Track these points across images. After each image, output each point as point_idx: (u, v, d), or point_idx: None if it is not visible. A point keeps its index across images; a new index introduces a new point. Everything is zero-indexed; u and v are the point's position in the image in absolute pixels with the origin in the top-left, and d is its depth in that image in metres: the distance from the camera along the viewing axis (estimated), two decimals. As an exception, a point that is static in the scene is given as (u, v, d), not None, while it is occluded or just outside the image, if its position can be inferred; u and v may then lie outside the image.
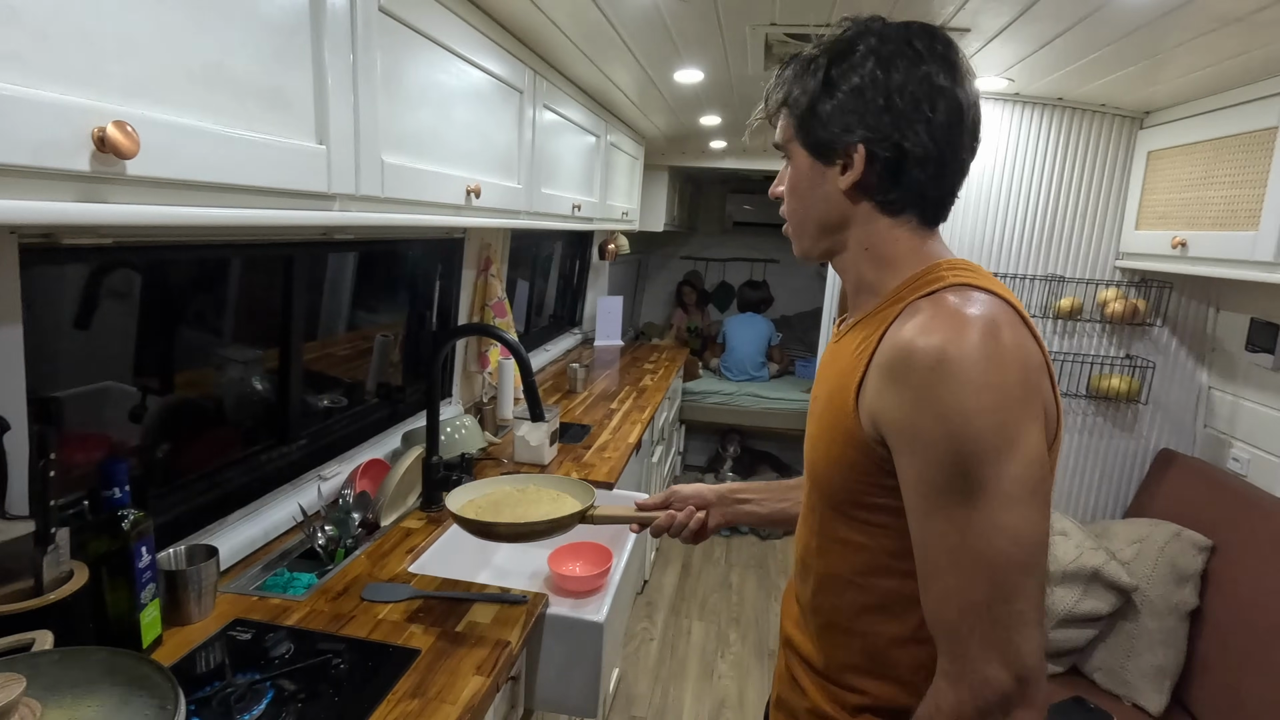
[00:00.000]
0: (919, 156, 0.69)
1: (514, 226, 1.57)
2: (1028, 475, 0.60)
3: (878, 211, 0.72)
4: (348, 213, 0.96)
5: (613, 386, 2.90)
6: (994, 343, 0.61)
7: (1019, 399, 0.61)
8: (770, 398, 4.18)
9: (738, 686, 2.50)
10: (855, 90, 0.69)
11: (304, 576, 1.30)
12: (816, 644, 0.80)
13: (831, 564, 0.76)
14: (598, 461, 1.98)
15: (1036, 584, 0.61)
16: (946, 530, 0.62)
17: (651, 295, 5.58)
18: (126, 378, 1.24)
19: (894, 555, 0.69)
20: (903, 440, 0.64)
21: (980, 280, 0.68)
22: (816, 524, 0.78)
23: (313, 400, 1.74)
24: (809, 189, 0.74)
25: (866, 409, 0.67)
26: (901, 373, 0.63)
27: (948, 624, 0.63)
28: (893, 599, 0.71)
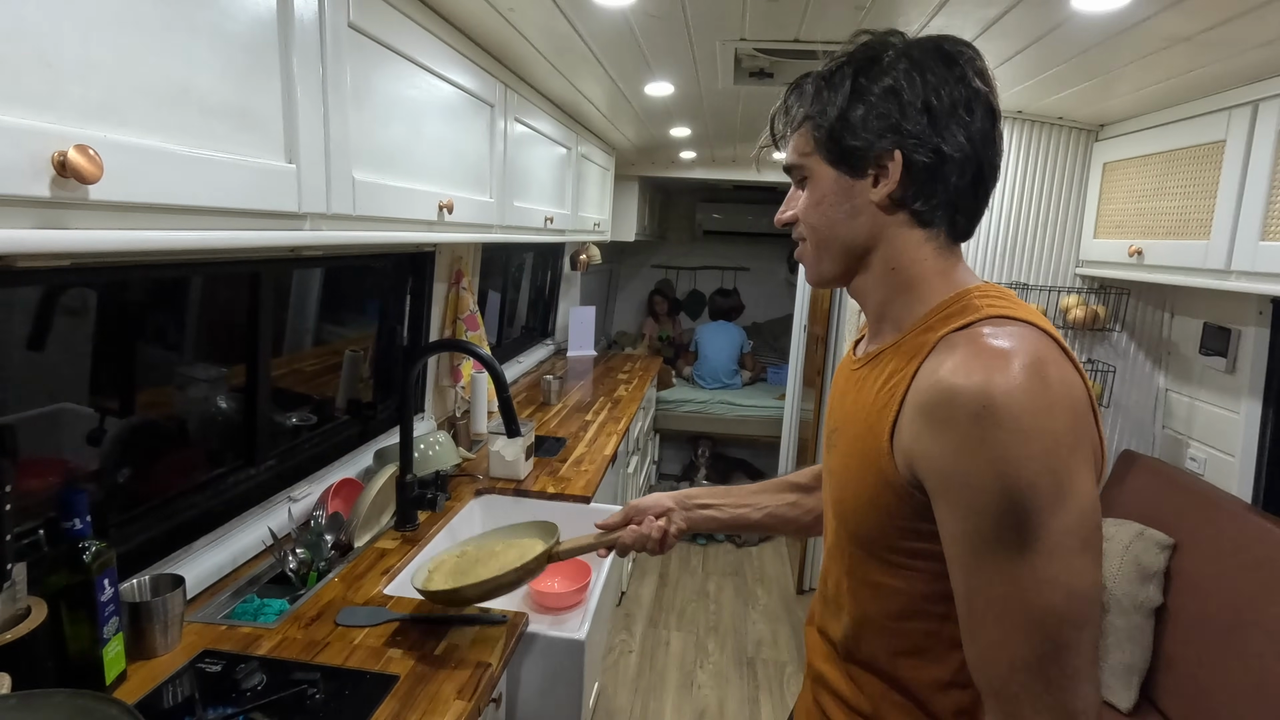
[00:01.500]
0: (958, 161, 0.66)
1: (487, 241, 1.56)
2: (1081, 525, 0.57)
3: (910, 225, 0.68)
4: (319, 232, 0.95)
5: (587, 397, 2.89)
6: (1040, 383, 0.57)
7: (1070, 444, 0.57)
8: (743, 405, 4.21)
9: (717, 697, 2.50)
10: (890, 92, 0.66)
11: (275, 603, 1.26)
12: (854, 685, 0.76)
13: (864, 606, 0.72)
14: (574, 475, 1.97)
15: (1090, 638, 0.58)
16: (994, 582, 0.58)
17: (623, 304, 5.58)
18: (83, 399, 1.20)
19: (929, 599, 0.66)
20: (945, 488, 0.60)
21: (1017, 311, 0.64)
22: (846, 564, 0.74)
23: (281, 419, 1.70)
24: (835, 206, 0.70)
25: (903, 452, 0.63)
26: (943, 417, 0.59)
27: (997, 681, 0.60)
28: (930, 642, 0.68)
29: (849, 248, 0.71)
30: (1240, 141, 1.41)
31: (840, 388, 0.79)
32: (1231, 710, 1.43)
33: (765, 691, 2.54)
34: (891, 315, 0.71)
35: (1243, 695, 1.42)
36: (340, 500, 1.59)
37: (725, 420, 4.20)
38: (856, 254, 0.71)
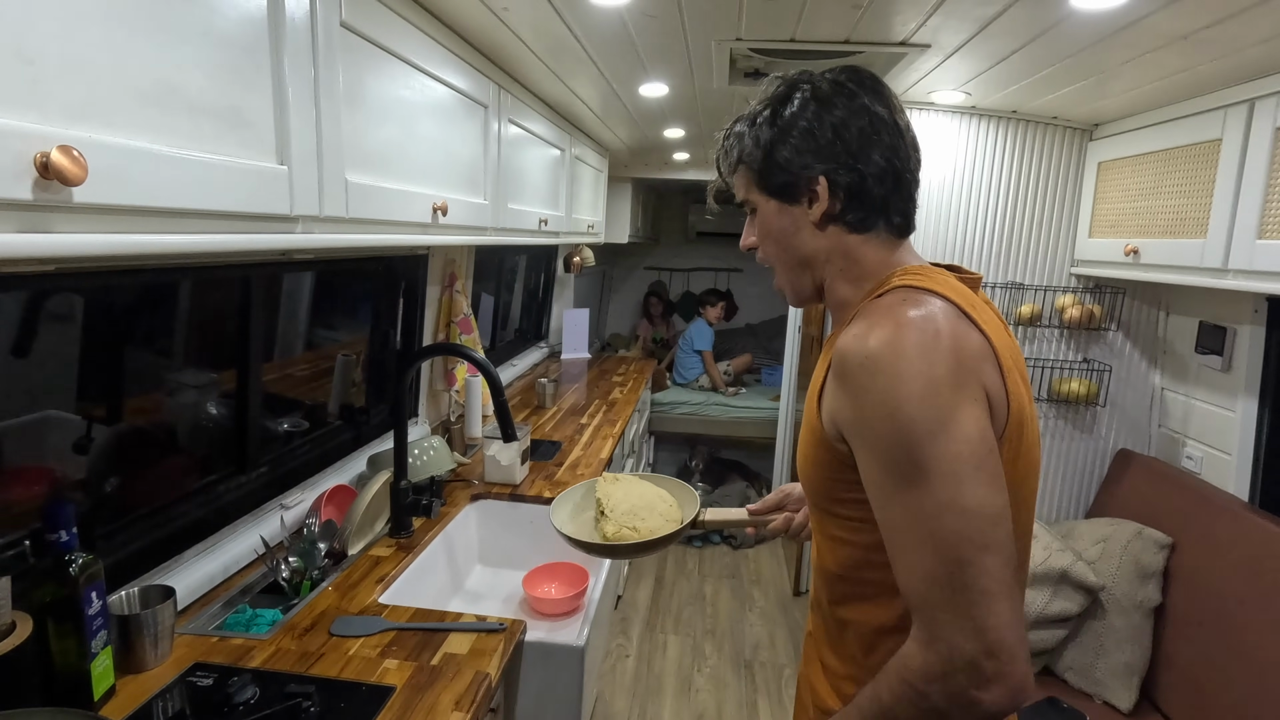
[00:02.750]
0: (876, 175, 0.75)
1: (482, 243, 1.54)
2: (969, 452, 0.63)
3: (847, 232, 0.77)
4: (311, 235, 0.93)
5: (582, 400, 2.87)
6: (918, 334, 0.66)
7: (950, 383, 0.64)
8: (738, 406, 4.20)
9: (715, 700, 2.48)
10: (805, 132, 0.75)
11: (268, 613, 1.24)
12: (821, 639, 0.85)
13: (825, 559, 0.81)
14: (570, 479, 1.95)
15: (996, 558, 0.62)
16: (900, 513, 0.66)
17: (617, 307, 5.57)
18: (70, 406, 1.17)
19: (874, 549, 0.72)
20: (853, 434, 0.69)
21: (923, 282, 0.72)
22: (815, 525, 0.83)
23: (273, 425, 1.68)
24: (782, 231, 0.79)
25: (826, 411, 0.72)
26: (842, 372, 0.69)
27: (917, 598, 0.66)
28: (877, 590, 0.75)
29: (805, 262, 0.80)
30: (1236, 140, 1.41)
31: None
32: (1233, 710, 1.43)
33: (763, 695, 2.52)
34: (843, 304, 0.80)
35: (1244, 694, 1.41)
36: (333, 507, 1.57)
37: (720, 422, 4.19)
38: (816, 266, 0.80)
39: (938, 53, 1.52)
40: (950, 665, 0.62)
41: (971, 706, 0.62)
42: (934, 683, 0.63)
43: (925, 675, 0.64)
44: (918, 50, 1.50)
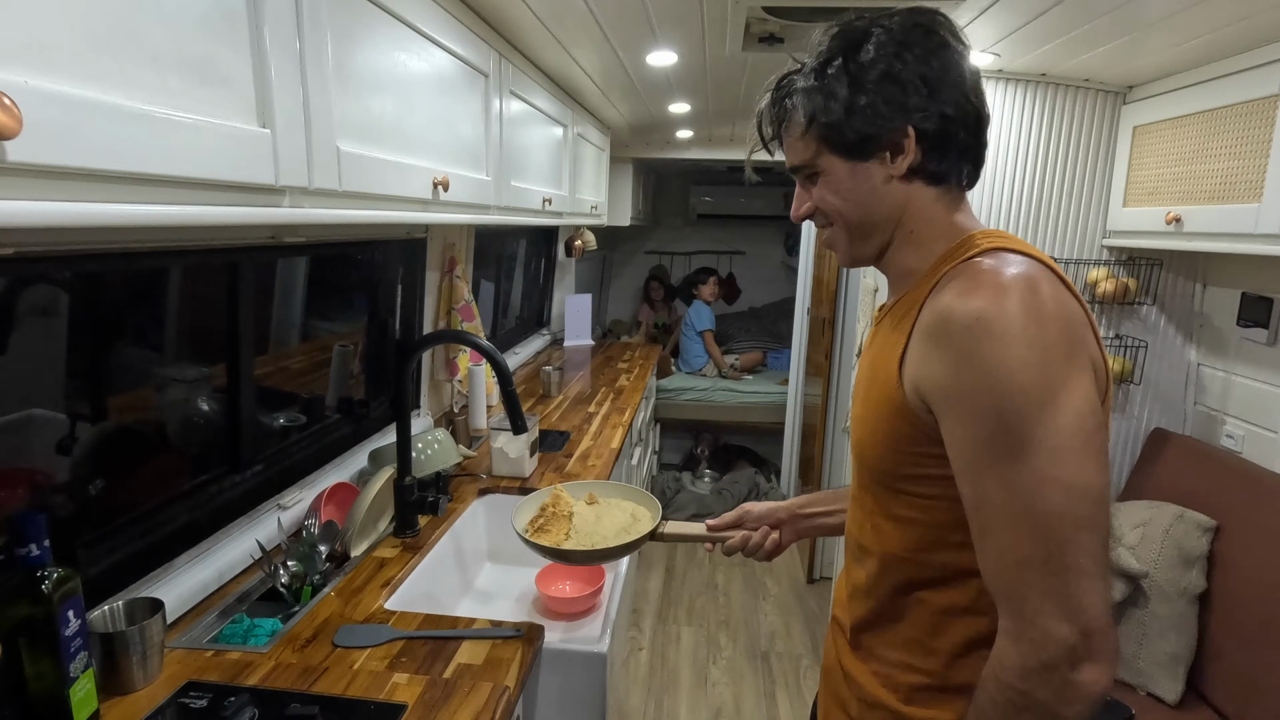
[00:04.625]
0: (960, 119, 0.70)
1: (485, 223, 1.45)
2: (1077, 426, 0.59)
3: (925, 186, 0.73)
4: (300, 209, 0.83)
5: (588, 389, 2.78)
6: (1032, 298, 0.61)
7: (1062, 352, 0.61)
8: (745, 392, 4.12)
9: (733, 693, 2.41)
10: (887, 78, 0.69)
11: (266, 622, 1.15)
12: (870, 627, 0.79)
13: (886, 542, 0.75)
14: (581, 470, 1.86)
15: (1095, 538, 0.59)
16: (996, 488, 0.61)
17: (617, 292, 5.47)
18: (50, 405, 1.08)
19: (946, 528, 0.69)
20: (947, 402, 0.64)
21: (1013, 244, 0.68)
22: (870, 504, 0.78)
23: (268, 420, 1.58)
24: (854, 192, 0.73)
25: (910, 377, 0.68)
26: (941, 335, 0.64)
27: (1005, 582, 0.62)
28: (949, 572, 0.71)
29: (879, 225, 0.75)
30: (1295, 95, 1.31)
31: (865, 346, 0.85)
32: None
33: (781, 686, 2.46)
34: (908, 271, 0.75)
35: (1302, 686, 1.34)
36: (334, 506, 1.48)
37: (727, 408, 4.10)
38: (888, 228, 0.75)
39: (972, 8, 1.41)
40: (1047, 653, 0.59)
41: (1076, 691, 0.59)
42: (1032, 676, 0.60)
43: (1022, 672, 0.60)
44: (951, 5, 1.39)
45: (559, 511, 1.05)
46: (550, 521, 1.03)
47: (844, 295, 2.96)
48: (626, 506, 1.09)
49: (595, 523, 1.04)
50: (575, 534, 1.02)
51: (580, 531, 1.02)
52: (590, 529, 1.03)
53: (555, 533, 1.01)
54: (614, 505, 1.10)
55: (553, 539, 1.00)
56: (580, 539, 1.01)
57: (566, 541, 1.01)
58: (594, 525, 1.03)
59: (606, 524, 1.04)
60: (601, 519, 1.05)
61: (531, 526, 1.03)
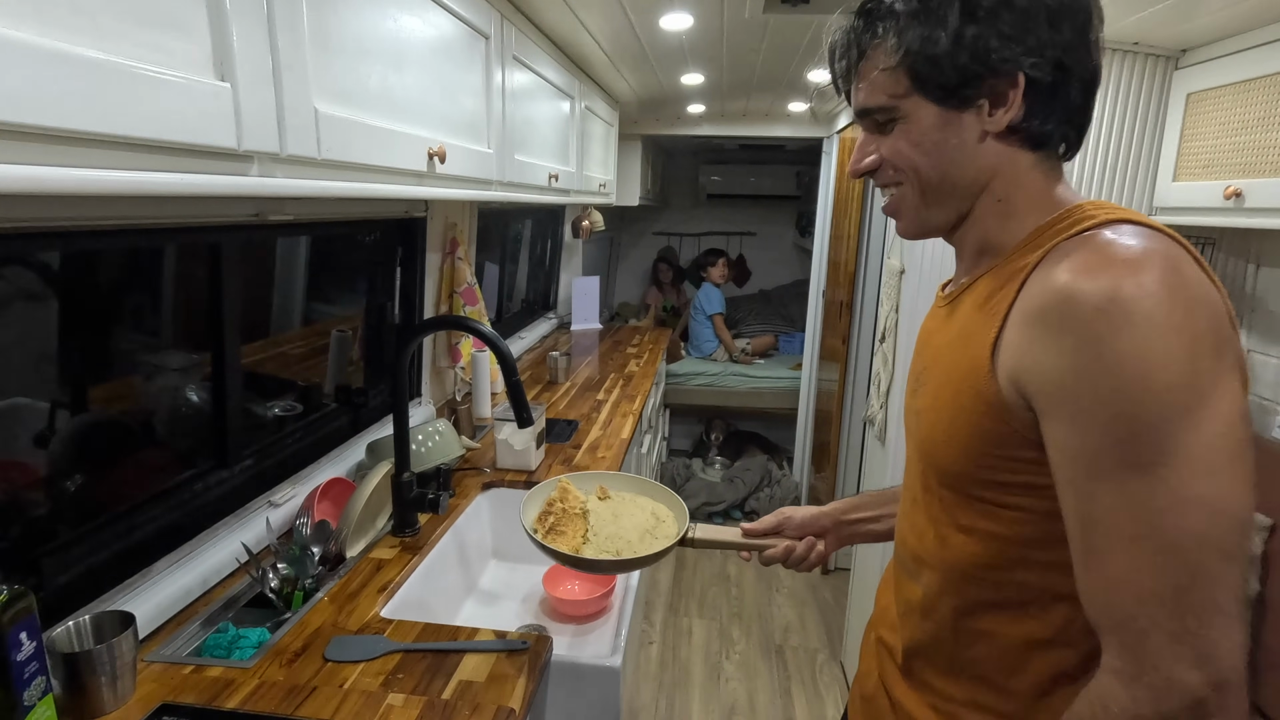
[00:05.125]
0: (1077, 71, 0.60)
1: (487, 199, 1.34)
2: (1227, 437, 0.50)
3: (1023, 149, 0.62)
4: (272, 180, 0.72)
5: (596, 374, 2.68)
6: (1176, 278, 0.51)
7: (1212, 345, 0.51)
8: (757, 377, 4.01)
9: (747, 689, 2.34)
10: (1004, 5, 0.57)
11: (253, 632, 1.07)
12: (927, 653, 0.70)
13: (954, 556, 0.66)
14: (591, 463, 1.77)
15: (1237, 571, 0.50)
16: (1118, 505, 0.51)
17: (625, 275, 5.35)
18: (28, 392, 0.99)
19: (1031, 544, 0.60)
20: (1060, 400, 0.53)
21: (1137, 217, 0.58)
22: (936, 510, 0.68)
23: (261, 410, 1.49)
24: (943, 145, 0.62)
25: (1007, 368, 0.57)
26: (1060, 319, 0.53)
27: (1119, 615, 0.52)
28: (1030, 594, 0.62)
29: (961, 189, 0.64)
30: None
31: (928, 329, 0.75)
32: (1355, 715, 1.26)
33: (797, 682, 2.38)
34: (992, 246, 0.65)
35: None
36: (329, 503, 1.39)
37: (739, 393, 4.00)
38: (970, 194, 0.64)
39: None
40: (1169, 705, 0.50)
41: None
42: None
43: (1133, 717, 0.52)
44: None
45: (570, 508, 0.96)
46: (563, 521, 0.94)
47: (863, 277, 2.84)
48: (644, 504, 1.00)
49: (614, 522, 0.95)
50: (595, 536, 0.92)
51: (600, 534, 0.93)
52: (610, 530, 0.93)
53: (571, 534, 0.92)
54: (629, 501, 1.00)
55: (569, 542, 0.91)
56: (601, 542, 0.91)
57: (586, 546, 0.91)
58: (613, 525, 0.94)
59: (627, 524, 0.94)
60: (620, 518, 0.96)
61: (541, 526, 0.94)
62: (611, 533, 0.93)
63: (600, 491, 1.01)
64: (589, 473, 1.05)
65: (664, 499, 1.01)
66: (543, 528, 0.93)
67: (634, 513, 0.97)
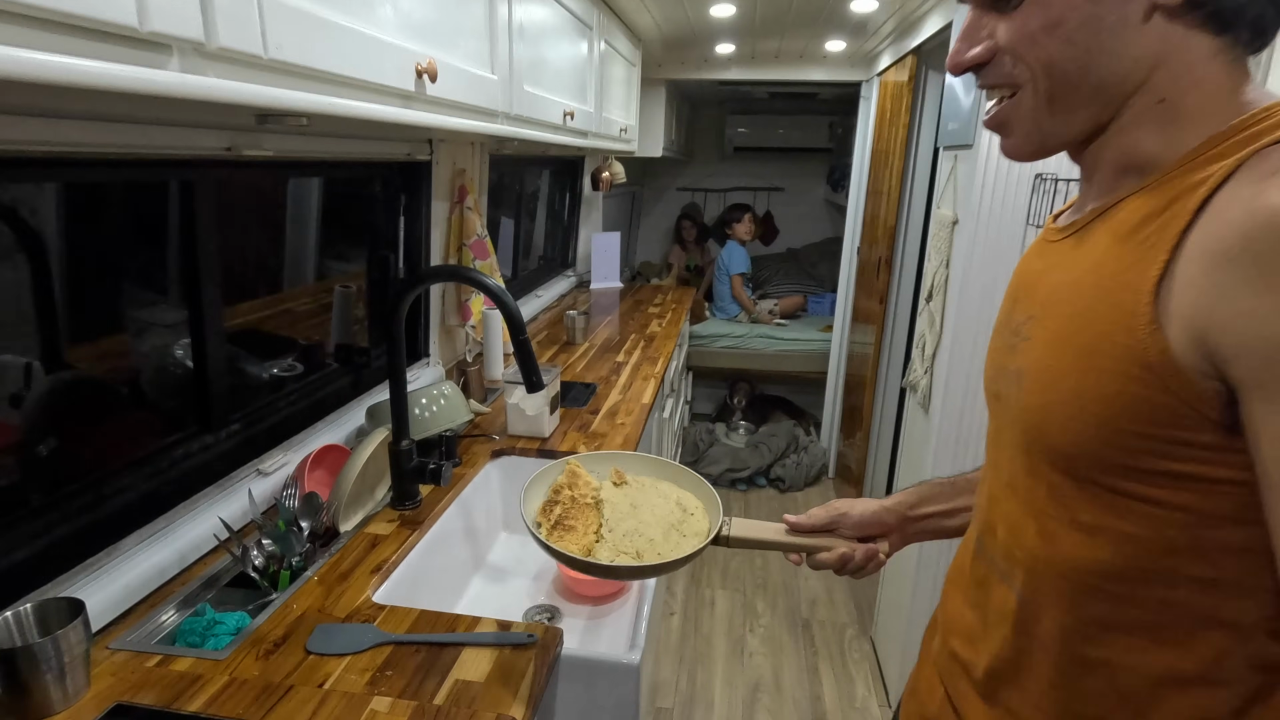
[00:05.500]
0: None
1: (491, 132, 1.18)
2: None
3: (1201, 32, 0.47)
4: (200, 78, 0.57)
5: (616, 335, 2.54)
6: None
7: None
8: (784, 339, 3.84)
9: (772, 666, 2.23)
10: None
11: (231, 617, 0.96)
12: (1019, 678, 0.57)
13: (1064, 560, 0.53)
14: (609, 430, 1.63)
15: None
16: None
17: (647, 232, 5.16)
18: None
19: (1181, 553, 0.47)
20: (1268, 361, 0.40)
21: None
22: (1042, 501, 0.54)
23: (256, 371, 1.38)
24: (1091, 26, 0.47)
25: (1184, 319, 0.43)
26: (1272, 256, 0.39)
27: None
28: (1172, 616, 0.48)
29: (1112, 86, 0.49)
30: None
31: (1034, 270, 0.59)
32: None
33: (825, 659, 2.27)
34: (1143, 161, 0.50)
35: None
36: (324, 471, 1.28)
37: (765, 356, 3.84)
38: (1122, 92, 0.49)
39: None
40: None
41: None
42: None
43: None
44: None
45: (580, 497, 0.82)
46: (572, 512, 0.80)
47: (904, 232, 2.64)
48: (667, 491, 0.86)
49: (633, 515, 0.81)
50: (610, 532, 0.78)
51: (617, 529, 0.79)
52: (628, 525, 0.79)
53: (582, 530, 0.78)
54: (649, 488, 0.86)
55: (579, 540, 0.77)
56: (618, 540, 0.77)
57: (600, 545, 0.77)
58: (632, 519, 0.80)
59: (648, 517, 0.80)
60: (639, 509, 0.82)
61: (546, 518, 0.80)
62: (630, 528, 0.79)
63: (615, 475, 0.87)
64: (603, 453, 0.91)
65: (690, 485, 0.87)
66: (547, 521, 0.79)
67: (656, 502, 0.82)
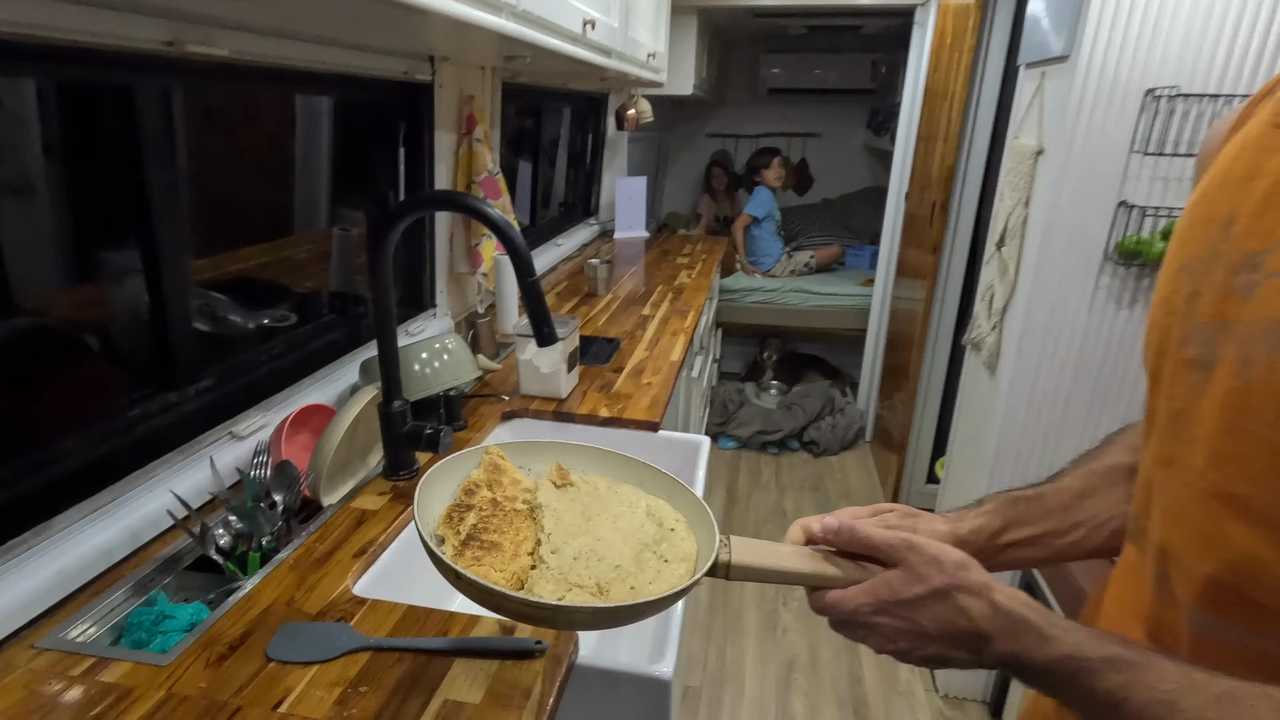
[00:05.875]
0: None
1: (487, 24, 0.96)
2: None
3: None
4: None
5: (642, 287, 2.33)
6: None
7: None
8: (821, 294, 3.60)
9: (807, 643, 2.08)
10: None
11: (185, 610, 0.80)
12: None
13: None
14: (635, 390, 1.45)
15: None
16: None
17: (675, 182, 4.88)
18: None
19: None
20: None
21: None
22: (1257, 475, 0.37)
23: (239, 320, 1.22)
24: None
25: None
26: None
27: None
28: None
29: None
30: None
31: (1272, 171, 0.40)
32: None
33: (865, 637, 2.11)
34: None
35: None
36: (308, 435, 1.12)
37: (800, 311, 3.61)
38: None
39: None
40: None
41: None
42: None
43: None
44: None
45: (506, 501, 0.57)
46: (494, 523, 0.55)
47: (962, 174, 2.37)
48: (631, 497, 0.60)
49: (585, 528, 0.56)
50: (556, 554, 0.54)
51: (563, 549, 0.54)
52: (581, 544, 0.54)
53: (510, 550, 0.53)
54: (607, 493, 0.60)
55: (508, 565, 0.52)
56: (569, 567, 0.52)
57: (538, 574, 0.52)
58: (585, 534, 0.56)
59: (608, 532, 0.56)
60: (595, 520, 0.57)
61: (452, 531, 0.54)
62: (584, 548, 0.54)
63: (557, 473, 0.61)
64: (536, 442, 0.65)
65: (664, 490, 0.61)
66: (454, 534, 0.53)
67: (619, 511, 0.58)
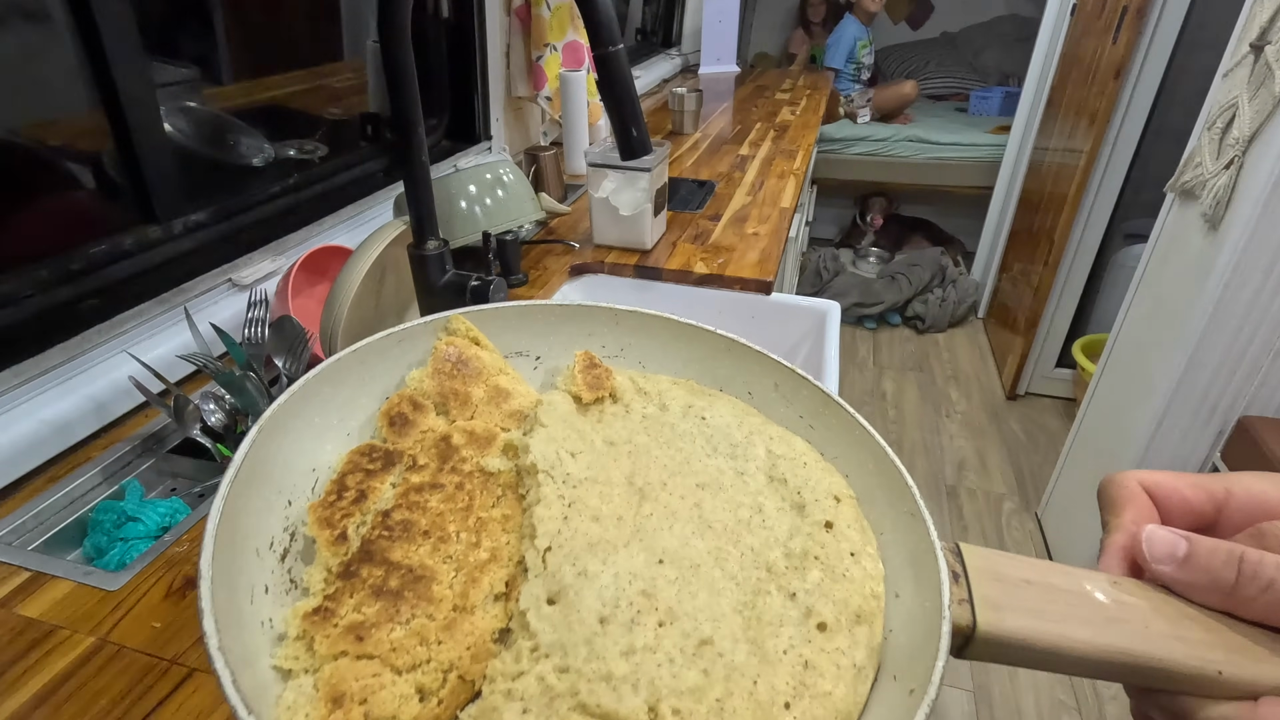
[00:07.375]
0: None
1: None
2: None
3: None
4: None
5: (736, 124, 1.94)
6: None
7: None
8: (938, 143, 3.06)
9: (910, 539, 1.86)
10: None
11: (156, 511, 0.61)
12: None
13: None
14: (737, 243, 1.14)
15: None
16: None
17: (764, 17, 4.20)
18: None
19: None
20: None
21: None
22: None
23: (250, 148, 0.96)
24: None
25: None
26: None
27: None
28: None
29: None
30: None
31: None
32: None
33: (977, 534, 1.86)
34: None
35: None
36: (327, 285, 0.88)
37: (911, 165, 3.10)
38: None
39: None
40: None
41: None
42: None
43: None
44: None
45: (471, 451, 0.29)
46: (429, 509, 0.26)
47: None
48: (732, 432, 0.31)
49: (630, 519, 0.26)
50: (562, 603, 0.24)
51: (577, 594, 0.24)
52: (619, 576, 0.25)
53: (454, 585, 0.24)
54: (680, 421, 0.32)
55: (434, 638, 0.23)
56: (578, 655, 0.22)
57: (516, 683, 0.22)
58: (630, 540, 0.26)
59: (679, 531, 0.26)
60: (650, 498, 0.28)
61: (332, 530, 0.25)
62: (623, 590, 0.24)
63: (584, 374, 0.33)
64: (553, 304, 0.37)
65: (804, 409, 0.32)
66: (332, 551, 0.24)
67: (708, 474, 0.29)
